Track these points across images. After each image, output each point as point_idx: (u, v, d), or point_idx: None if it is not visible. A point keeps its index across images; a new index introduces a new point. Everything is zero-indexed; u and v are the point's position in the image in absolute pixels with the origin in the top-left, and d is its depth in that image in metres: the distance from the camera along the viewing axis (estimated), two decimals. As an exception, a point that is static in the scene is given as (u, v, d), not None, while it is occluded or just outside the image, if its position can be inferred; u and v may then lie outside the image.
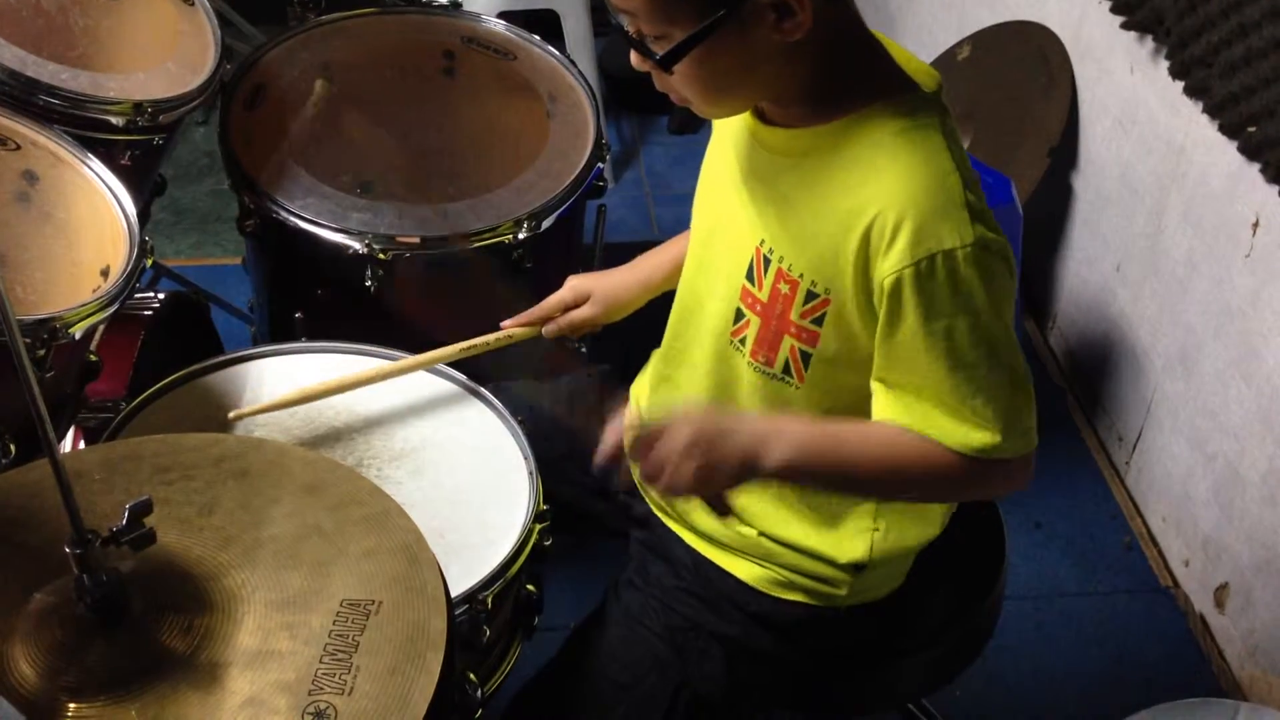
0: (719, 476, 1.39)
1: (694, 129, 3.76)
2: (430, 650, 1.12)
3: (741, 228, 1.47)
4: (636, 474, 1.41)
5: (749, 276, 1.46)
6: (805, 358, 1.45)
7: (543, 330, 1.84)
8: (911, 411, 1.40)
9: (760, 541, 1.60)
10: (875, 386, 1.42)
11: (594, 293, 1.83)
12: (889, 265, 1.32)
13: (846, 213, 1.34)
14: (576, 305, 1.83)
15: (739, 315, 1.49)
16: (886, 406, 1.42)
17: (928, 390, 1.38)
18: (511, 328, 1.84)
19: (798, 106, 1.40)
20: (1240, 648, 2.41)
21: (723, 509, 1.47)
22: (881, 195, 1.32)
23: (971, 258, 1.31)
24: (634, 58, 1.36)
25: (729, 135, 1.53)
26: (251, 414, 1.71)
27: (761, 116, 1.44)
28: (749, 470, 1.40)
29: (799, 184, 1.41)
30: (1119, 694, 2.38)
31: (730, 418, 1.44)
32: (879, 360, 1.40)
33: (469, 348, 1.81)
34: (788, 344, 1.45)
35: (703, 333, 1.57)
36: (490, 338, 1.83)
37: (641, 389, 1.77)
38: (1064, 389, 3.00)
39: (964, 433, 1.38)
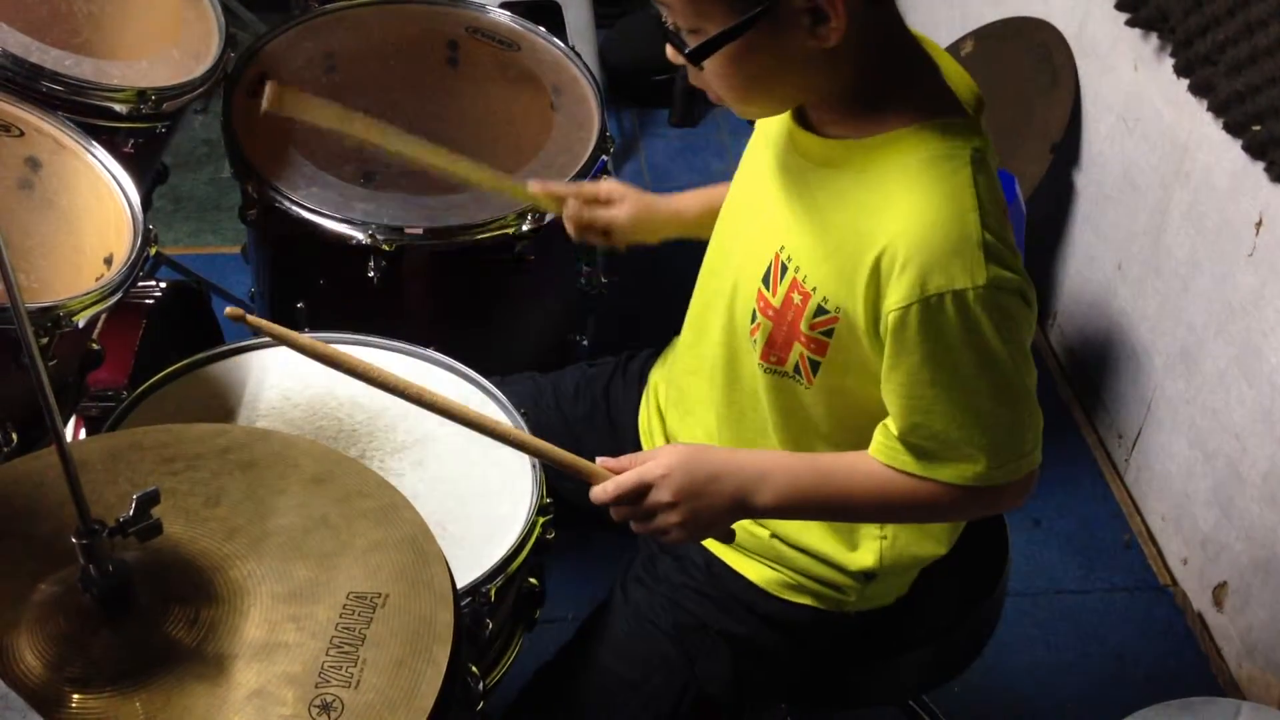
0: (708, 524, 1.45)
1: (694, 122, 3.75)
2: (437, 644, 1.12)
3: (765, 229, 1.46)
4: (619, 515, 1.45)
5: (765, 280, 1.45)
6: (814, 366, 1.44)
7: (564, 212, 1.82)
8: (904, 456, 1.40)
9: (772, 544, 1.60)
10: (878, 427, 1.43)
11: (627, 199, 1.80)
12: (897, 298, 1.30)
13: (862, 235, 1.33)
14: (607, 203, 1.81)
15: (754, 316, 1.48)
16: (881, 449, 1.42)
17: (922, 428, 1.37)
18: (536, 189, 1.84)
19: (835, 114, 1.38)
20: (1238, 646, 2.41)
21: (725, 537, 1.51)
22: (895, 226, 1.30)
23: (982, 298, 1.29)
24: (668, 50, 1.35)
25: (771, 130, 1.51)
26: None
27: (802, 119, 1.43)
28: (739, 512, 1.45)
29: (825, 195, 1.39)
30: (1116, 691, 2.38)
31: (717, 460, 1.46)
32: (885, 395, 1.40)
33: (493, 178, 1.85)
34: (798, 350, 1.44)
35: (720, 327, 1.56)
36: (514, 184, 1.85)
37: (660, 377, 1.76)
38: (1064, 387, 3.00)
39: (957, 469, 1.39)
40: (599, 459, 1.45)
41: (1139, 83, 2.63)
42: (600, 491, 1.42)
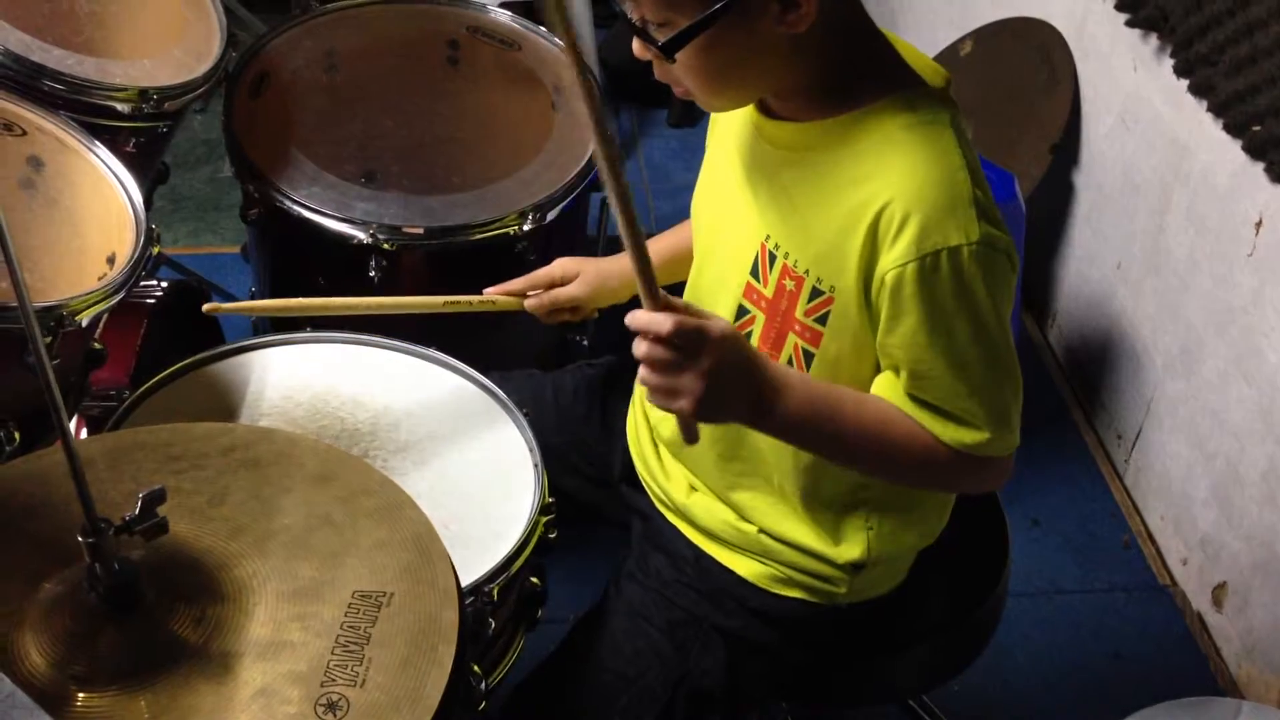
0: (718, 407, 1.34)
1: (693, 122, 3.75)
2: (442, 642, 1.12)
3: (745, 223, 1.47)
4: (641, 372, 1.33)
5: (754, 272, 1.46)
6: (808, 358, 1.44)
7: (525, 303, 1.83)
8: (907, 404, 1.40)
9: (760, 538, 1.60)
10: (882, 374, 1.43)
11: (582, 273, 1.82)
12: (893, 258, 1.32)
13: (853, 206, 1.34)
14: (564, 283, 1.82)
15: (742, 311, 1.49)
16: (886, 389, 1.42)
17: (924, 386, 1.38)
18: (495, 294, 1.83)
19: (803, 100, 1.39)
20: (1237, 647, 2.42)
21: (692, 435, 1.38)
22: (890, 187, 1.31)
23: (976, 255, 1.31)
24: (636, 45, 1.35)
25: (730, 130, 1.52)
26: (231, 310, 1.78)
27: (766, 110, 1.44)
28: (752, 413, 1.37)
29: (804, 178, 1.40)
30: (1116, 691, 2.38)
31: (756, 354, 1.37)
32: (880, 356, 1.40)
33: (452, 303, 1.81)
34: (791, 342, 1.44)
35: None
36: (474, 299, 1.83)
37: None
38: (1063, 386, 3.00)
39: (955, 430, 1.39)
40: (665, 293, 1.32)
41: (1139, 83, 2.63)
42: (661, 319, 1.28)
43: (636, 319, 1.29)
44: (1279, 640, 2.31)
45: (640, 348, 1.30)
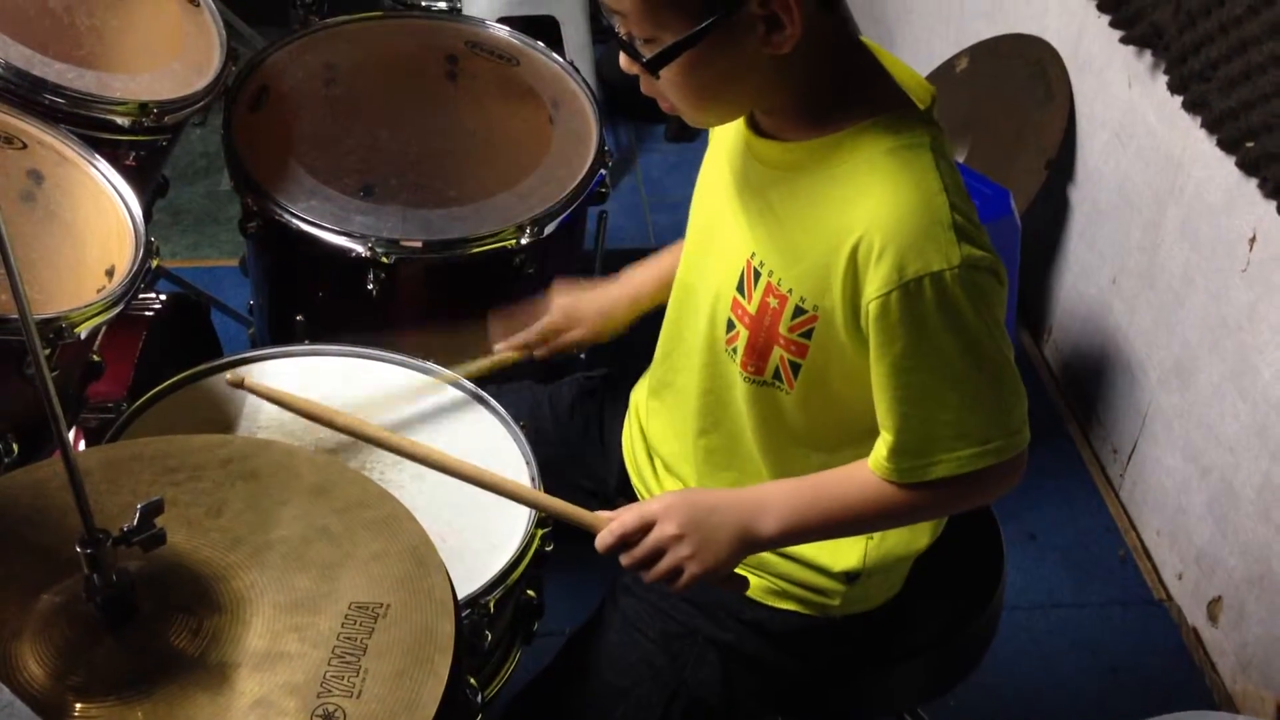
0: (718, 558, 1.43)
1: (691, 137, 3.77)
2: (438, 654, 1.12)
3: (733, 238, 1.48)
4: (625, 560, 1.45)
5: (739, 288, 1.46)
6: (795, 368, 1.45)
7: (534, 354, 1.85)
8: (902, 464, 1.41)
9: None
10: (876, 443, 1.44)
11: (583, 315, 1.84)
12: (876, 287, 1.32)
13: (835, 231, 1.35)
14: (567, 329, 1.84)
15: (730, 325, 1.50)
16: (878, 466, 1.43)
17: (916, 414, 1.38)
18: (505, 351, 1.86)
19: (788, 118, 1.40)
20: (1233, 661, 2.42)
21: (739, 584, 1.51)
22: (868, 215, 1.32)
23: (959, 278, 1.31)
24: (623, 59, 1.36)
25: (725, 144, 1.53)
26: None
27: (756, 128, 1.45)
28: (746, 543, 1.45)
29: (789, 198, 1.41)
30: (1112, 706, 2.39)
31: (714, 494, 1.49)
32: (874, 386, 1.41)
33: (471, 373, 1.82)
34: (777, 354, 1.45)
35: (697, 339, 1.57)
36: (485, 362, 1.84)
37: (640, 395, 1.77)
38: (1059, 401, 3.01)
39: (950, 459, 1.40)
40: (598, 512, 1.47)
41: (1133, 99, 2.64)
42: (606, 535, 1.44)
43: (602, 544, 1.45)
44: (1274, 654, 2.31)
45: (624, 559, 1.45)
